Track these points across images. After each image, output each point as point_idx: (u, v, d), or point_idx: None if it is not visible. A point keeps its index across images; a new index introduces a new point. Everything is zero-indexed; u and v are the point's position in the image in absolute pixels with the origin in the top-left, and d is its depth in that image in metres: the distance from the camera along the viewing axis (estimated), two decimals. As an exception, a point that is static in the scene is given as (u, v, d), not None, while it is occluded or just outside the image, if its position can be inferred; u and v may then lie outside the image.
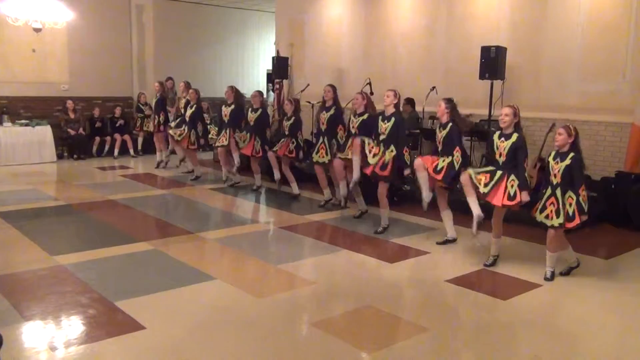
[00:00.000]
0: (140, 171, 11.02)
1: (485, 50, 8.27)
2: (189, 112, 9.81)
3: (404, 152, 6.47)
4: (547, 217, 5.12)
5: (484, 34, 9.05)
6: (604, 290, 4.98)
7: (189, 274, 5.20)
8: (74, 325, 4.12)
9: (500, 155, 5.39)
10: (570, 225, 5.01)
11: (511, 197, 5.26)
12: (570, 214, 5.00)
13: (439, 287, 5.10)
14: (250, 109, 8.84)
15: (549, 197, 5.12)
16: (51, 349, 3.73)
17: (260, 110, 8.78)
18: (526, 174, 5.37)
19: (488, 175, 5.39)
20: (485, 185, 5.35)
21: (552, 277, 5.19)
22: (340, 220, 7.37)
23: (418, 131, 9.09)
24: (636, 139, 7.32)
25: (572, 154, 5.04)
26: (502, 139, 5.40)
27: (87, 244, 6.13)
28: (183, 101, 10.19)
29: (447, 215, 6.38)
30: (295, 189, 8.57)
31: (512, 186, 5.27)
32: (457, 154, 5.94)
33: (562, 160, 5.06)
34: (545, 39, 8.53)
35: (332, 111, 7.62)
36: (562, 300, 4.80)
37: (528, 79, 8.72)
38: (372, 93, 9.48)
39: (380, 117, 6.64)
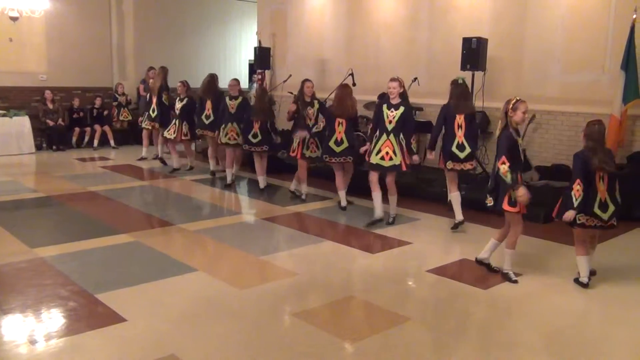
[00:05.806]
0: (120, 162, 10.91)
1: (466, 41, 8.31)
2: (179, 105, 9.74)
3: (411, 140, 6.68)
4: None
5: (466, 26, 9.09)
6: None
7: (171, 266, 5.18)
8: (54, 318, 4.08)
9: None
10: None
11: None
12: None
13: (420, 277, 5.15)
14: (229, 97, 8.74)
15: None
16: (31, 342, 3.69)
17: (240, 98, 8.70)
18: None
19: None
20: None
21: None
22: (322, 211, 7.38)
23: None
24: (614, 130, 7.43)
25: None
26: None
27: (67, 236, 6.06)
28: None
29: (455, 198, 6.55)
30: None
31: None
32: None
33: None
34: (526, 31, 8.59)
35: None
36: (542, 289, 4.86)
37: (509, 70, 8.78)
38: (354, 84, 9.49)
39: (385, 106, 6.51)
